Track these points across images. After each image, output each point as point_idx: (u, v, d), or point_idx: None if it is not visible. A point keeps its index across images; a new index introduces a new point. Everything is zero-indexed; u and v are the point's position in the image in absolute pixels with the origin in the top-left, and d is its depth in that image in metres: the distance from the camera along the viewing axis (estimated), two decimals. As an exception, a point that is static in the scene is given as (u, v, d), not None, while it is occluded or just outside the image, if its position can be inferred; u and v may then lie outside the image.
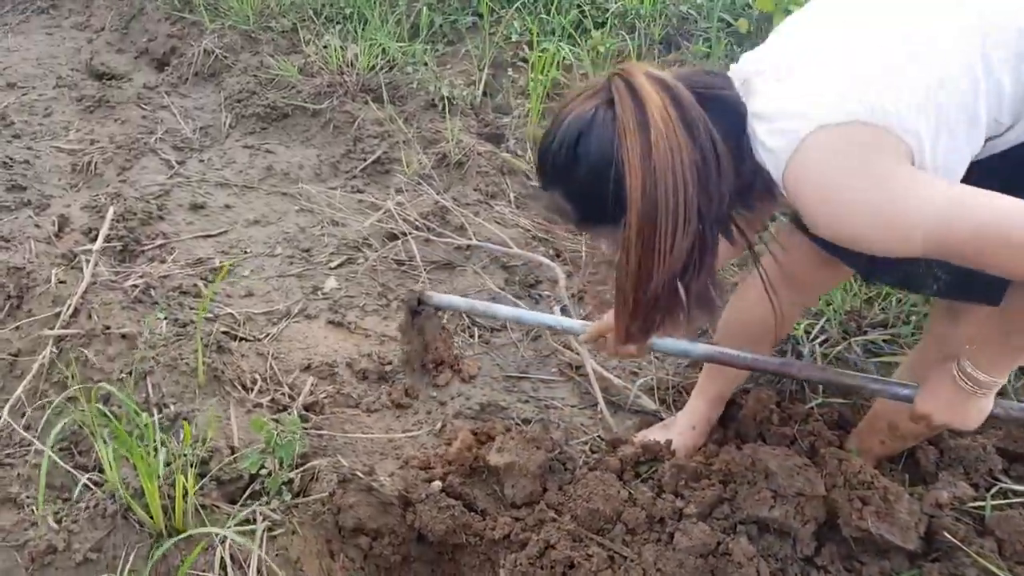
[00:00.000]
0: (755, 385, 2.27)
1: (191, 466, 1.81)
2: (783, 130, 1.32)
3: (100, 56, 4.33)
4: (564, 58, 3.49)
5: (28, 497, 1.90)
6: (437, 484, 2.02)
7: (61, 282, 2.46)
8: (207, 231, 3.01)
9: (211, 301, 2.58)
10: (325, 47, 3.96)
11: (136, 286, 2.56)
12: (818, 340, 2.26)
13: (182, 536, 1.74)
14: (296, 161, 3.44)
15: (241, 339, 2.44)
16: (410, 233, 2.89)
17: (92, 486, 1.95)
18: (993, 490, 1.94)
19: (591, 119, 1.38)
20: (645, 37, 3.60)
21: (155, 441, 1.76)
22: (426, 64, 3.70)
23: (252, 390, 2.21)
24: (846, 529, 1.83)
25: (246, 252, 2.93)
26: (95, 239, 2.85)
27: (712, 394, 2.20)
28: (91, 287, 2.47)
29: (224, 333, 2.41)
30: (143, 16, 4.57)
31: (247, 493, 1.94)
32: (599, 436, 2.20)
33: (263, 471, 1.92)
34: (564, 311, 2.49)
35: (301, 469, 1.98)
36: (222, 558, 1.70)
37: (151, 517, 1.80)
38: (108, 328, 2.27)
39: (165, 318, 2.38)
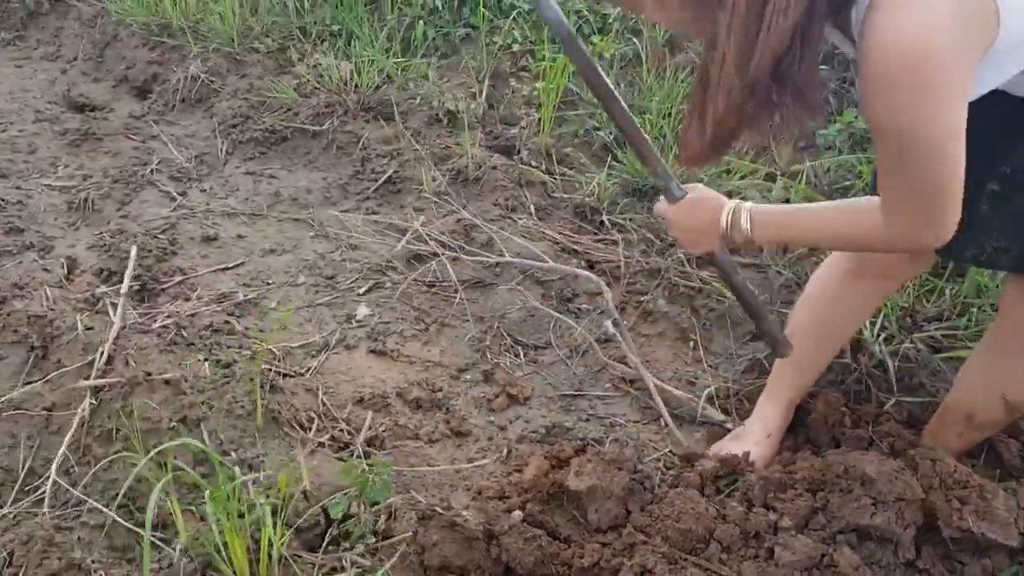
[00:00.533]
0: (822, 388, 2.24)
1: (277, 515, 1.72)
2: None
3: (77, 87, 4.17)
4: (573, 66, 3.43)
5: (94, 562, 1.79)
6: (518, 514, 1.95)
7: (88, 328, 2.34)
8: (224, 264, 2.90)
9: (247, 338, 2.48)
10: (315, 66, 3.86)
11: (166, 327, 2.45)
12: (881, 337, 2.24)
13: (271, 592, 1.65)
14: (303, 185, 3.34)
15: (285, 375, 2.34)
16: (441, 253, 2.81)
17: (162, 544, 1.85)
18: (1083, 479, 1.94)
19: None
20: (650, 41, 3.57)
21: (238, 493, 1.66)
22: (427, 78, 3.62)
23: (310, 429, 2.12)
24: (946, 530, 1.81)
25: (268, 283, 2.82)
26: (108, 280, 2.72)
27: (784, 399, 2.18)
28: (121, 332, 2.35)
29: (269, 370, 2.31)
30: (117, 43, 4.41)
31: (326, 539, 1.85)
32: (670, 451, 2.16)
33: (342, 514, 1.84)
34: (616, 324, 2.44)
35: (376, 508, 1.90)
36: (322, 612, 1.62)
37: (235, 574, 1.71)
38: (149, 375, 2.16)
39: (206, 360, 2.28)
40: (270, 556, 1.71)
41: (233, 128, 3.63)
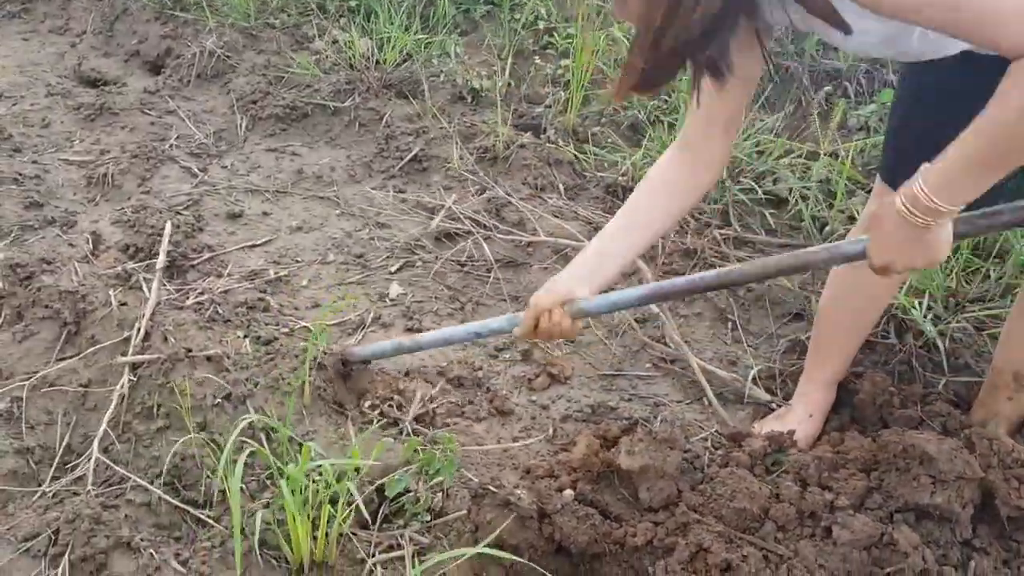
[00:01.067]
0: (867, 368, 2.23)
1: (338, 491, 1.69)
2: None
3: (88, 61, 4.10)
4: (602, 44, 3.40)
5: (142, 540, 1.76)
6: (569, 493, 1.93)
7: (122, 304, 2.30)
8: (251, 241, 2.85)
9: (282, 315, 2.44)
10: (335, 42, 3.81)
11: (201, 304, 2.41)
12: (928, 317, 2.23)
13: (329, 568, 1.63)
14: (326, 163, 3.30)
15: (325, 353, 2.31)
16: (475, 231, 2.78)
17: (212, 522, 1.82)
18: None
19: None
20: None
21: (304, 470, 1.63)
22: (450, 55, 3.57)
23: (359, 407, 2.09)
24: (1004, 509, 1.81)
25: (297, 261, 2.79)
26: (135, 256, 2.68)
27: (823, 379, 2.17)
28: (156, 308, 2.31)
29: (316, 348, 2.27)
30: (128, 17, 4.34)
31: (379, 517, 1.83)
32: (717, 431, 2.14)
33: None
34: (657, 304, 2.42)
35: (428, 485, 1.88)
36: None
37: (292, 551, 1.68)
38: (190, 351, 2.12)
39: (246, 336, 2.25)
40: (327, 535, 1.68)
41: (252, 104, 3.58)
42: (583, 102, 3.35)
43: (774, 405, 2.23)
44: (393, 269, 2.75)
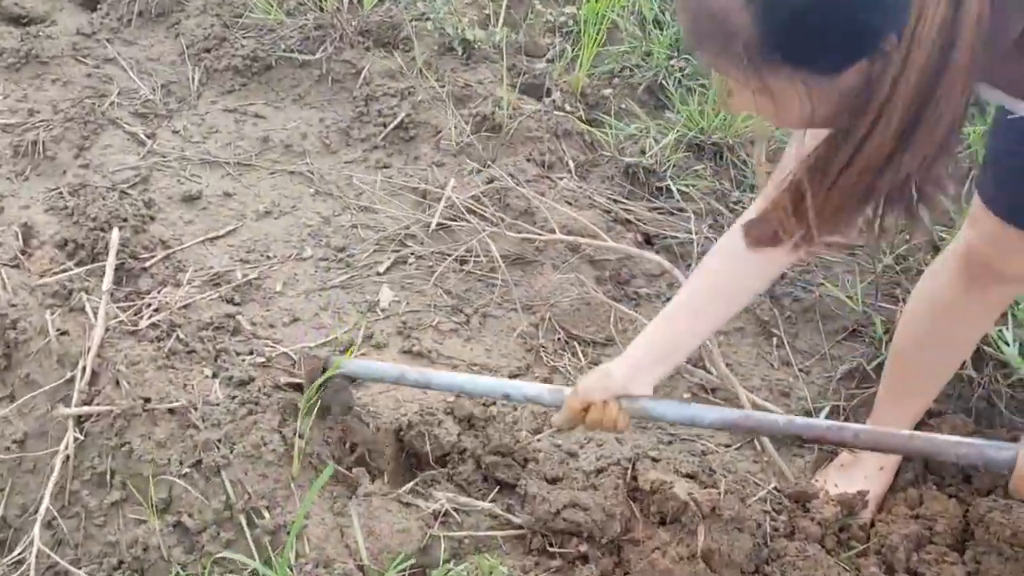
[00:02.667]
0: (940, 404, 1.94)
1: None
2: None
3: (8, -8, 3.52)
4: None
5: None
6: None
7: (62, 333, 1.90)
8: (212, 231, 2.44)
9: (256, 338, 2.06)
10: (300, -23, 3.29)
11: (157, 326, 2.01)
12: (1016, 347, 1.92)
13: None
14: (295, 128, 2.85)
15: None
16: (478, 226, 2.40)
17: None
18: None
19: None
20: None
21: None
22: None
23: (357, 465, 1.75)
24: None
25: (269, 256, 2.38)
26: (74, 256, 2.25)
27: (900, 424, 1.87)
28: (104, 338, 1.91)
29: (292, 387, 1.91)
30: (54, -62, 3.73)
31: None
32: (776, 488, 1.84)
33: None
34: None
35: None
36: None
37: None
38: (148, 401, 1.75)
39: (215, 375, 1.87)
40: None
41: (206, 52, 3.08)
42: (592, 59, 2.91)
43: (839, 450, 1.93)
44: (382, 268, 2.36)
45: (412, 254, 2.41)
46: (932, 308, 1.72)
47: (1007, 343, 1.92)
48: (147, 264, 2.26)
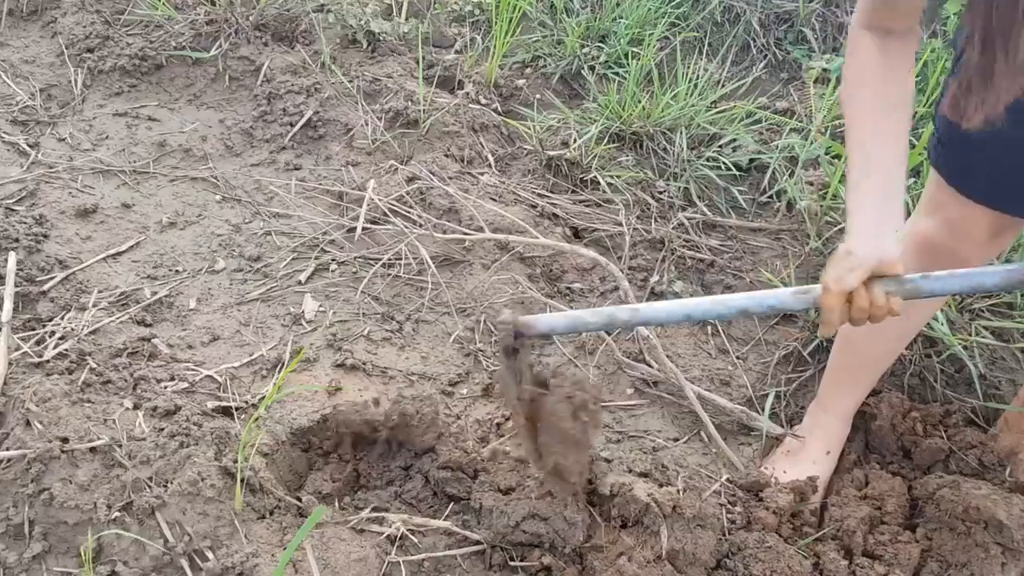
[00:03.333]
0: (880, 384, 1.97)
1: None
2: None
3: None
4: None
5: None
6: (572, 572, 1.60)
7: (-42, 371, 1.72)
8: (113, 246, 2.26)
9: (177, 362, 1.92)
10: (185, -32, 3.09)
11: (65, 355, 1.85)
12: (944, 326, 1.98)
13: None
14: (193, 130, 2.68)
15: (238, 410, 1.83)
16: (399, 226, 2.30)
17: None
18: None
19: None
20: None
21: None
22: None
23: (304, 493, 1.64)
24: (1072, 570, 1.62)
25: (178, 271, 2.23)
26: (-39, 281, 2.04)
27: (843, 410, 1.90)
28: (8, 374, 1.74)
29: (221, 411, 1.78)
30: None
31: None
32: (728, 480, 1.84)
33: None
34: (627, 300, 2.06)
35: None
36: None
37: None
38: (66, 441, 1.59)
39: (136, 407, 1.72)
40: None
41: (88, 53, 2.86)
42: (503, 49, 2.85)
43: (793, 436, 1.93)
44: (303, 277, 2.24)
45: (334, 260, 2.30)
46: None
47: (937, 320, 1.96)
48: (45, 287, 2.07)
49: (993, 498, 1.61)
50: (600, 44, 2.84)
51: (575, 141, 2.52)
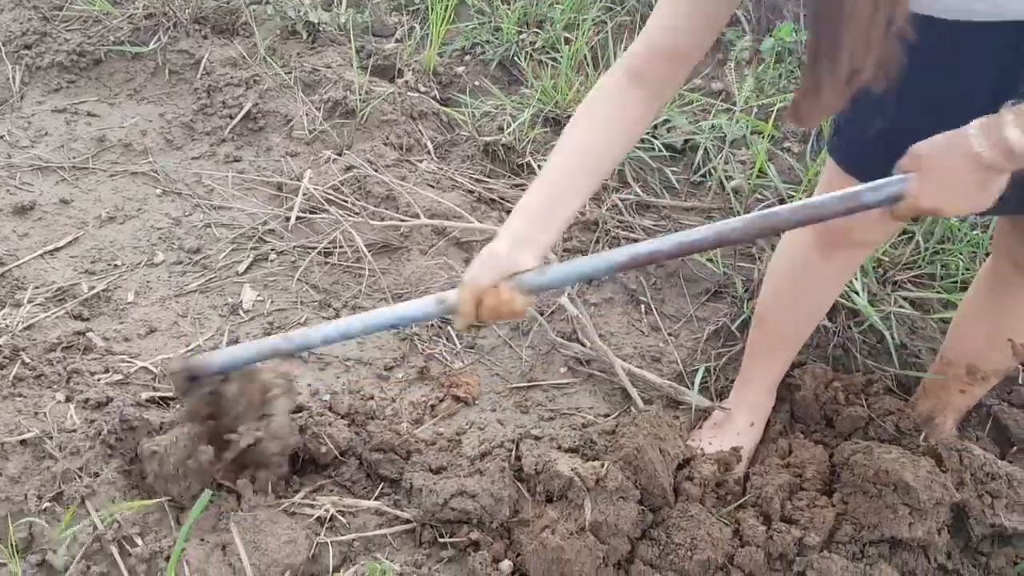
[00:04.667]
0: (802, 357, 2.03)
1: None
2: None
3: None
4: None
5: None
6: (507, 564, 1.64)
7: None
8: (51, 242, 2.27)
9: (111, 355, 1.94)
10: (123, -37, 3.09)
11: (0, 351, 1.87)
12: (865, 298, 2.03)
13: None
14: (133, 125, 2.69)
15: (174, 399, 1.85)
16: (339, 216, 2.33)
17: None
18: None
19: None
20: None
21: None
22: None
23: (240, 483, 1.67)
24: (978, 528, 1.68)
25: (116, 265, 2.25)
26: None
27: (766, 383, 1.95)
28: (-62, 370, 1.76)
29: (152, 402, 1.81)
30: None
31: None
32: (656, 452, 1.88)
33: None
34: (572, 300, 2.11)
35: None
36: None
37: None
38: (-5, 435, 1.62)
39: (68, 400, 1.75)
40: None
41: (26, 49, 2.85)
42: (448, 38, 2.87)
43: (720, 408, 1.98)
44: (242, 268, 2.27)
45: (272, 250, 2.33)
46: (792, 273, 1.78)
47: (857, 292, 2.02)
48: (-20, 285, 2.09)
49: (902, 461, 1.67)
50: (537, 30, 2.88)
51: (510, 126, 2.55)
